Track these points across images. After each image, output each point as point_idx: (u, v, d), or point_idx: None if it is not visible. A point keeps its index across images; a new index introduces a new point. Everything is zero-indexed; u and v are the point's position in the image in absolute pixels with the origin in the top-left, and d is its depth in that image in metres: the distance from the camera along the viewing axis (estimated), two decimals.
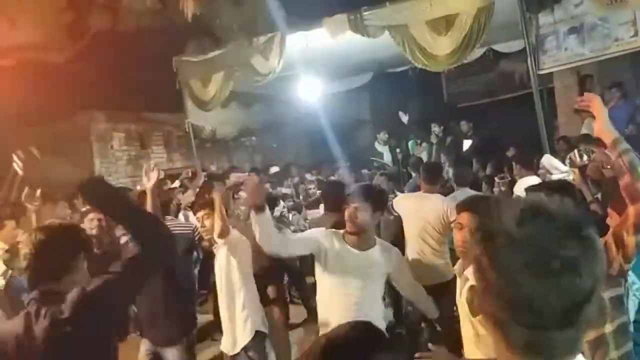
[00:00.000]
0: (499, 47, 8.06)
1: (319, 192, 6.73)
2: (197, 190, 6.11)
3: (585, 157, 5.48)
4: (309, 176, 8.85)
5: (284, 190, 7.88)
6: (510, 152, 7.30)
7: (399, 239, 4.37)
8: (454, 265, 4.04)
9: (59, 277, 1.82)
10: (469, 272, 2.27)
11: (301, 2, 6.83)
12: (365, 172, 8.53)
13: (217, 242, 3.62)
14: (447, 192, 4.97)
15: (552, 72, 6.63)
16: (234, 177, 7.92)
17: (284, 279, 5.29)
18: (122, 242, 3.87)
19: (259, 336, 3.56)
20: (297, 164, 9.81)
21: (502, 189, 5.46)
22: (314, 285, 3.23)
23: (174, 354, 3.65)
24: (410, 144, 9.91)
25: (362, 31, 6.34)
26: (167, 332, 3.66)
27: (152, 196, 2.60)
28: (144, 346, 3.75)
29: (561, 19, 5.80)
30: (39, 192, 3.12)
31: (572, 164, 5.27)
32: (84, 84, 7.44)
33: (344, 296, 2.99)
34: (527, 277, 0.79)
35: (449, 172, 6.28)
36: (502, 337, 0.85)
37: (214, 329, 5.09)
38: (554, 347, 0.82)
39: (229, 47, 7.32)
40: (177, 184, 6.99)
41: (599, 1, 5.63)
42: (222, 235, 3.47)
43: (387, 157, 9.83)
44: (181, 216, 5.95)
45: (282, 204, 6.66)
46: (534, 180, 4.53)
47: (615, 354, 1.91)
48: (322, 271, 3.07)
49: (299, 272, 5.47)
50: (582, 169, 4.28)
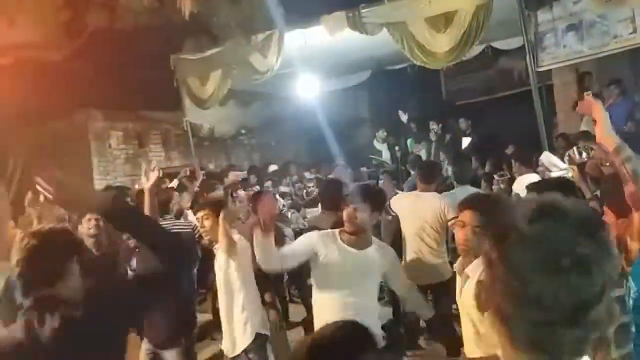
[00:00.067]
0: (498, 45, 8.05)
1: (317, 191, 6.72)
2: (196, 192, 6.07)
3: (584, 155, 5.47)
4: (308, 174, 8.83)
5: (283, 188, 7.87)
6: (509, 150, 7.29)
7: (398, 239, 4.37)
8: (451, 264, 4.06)
9: (53, 282, 1.80)
10: (470, 270, 2.26)
11: (299, 0, 6.81)
12: (364, 170, 8.53)
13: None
14: (447, 189, 4.97)
15: (551, 70, 6.63)
16: (233, 176, 7.91)
17: (284, 279, 5.29)
18: (131, 246, 3.81)
19: (259, 338, 3.51)
20: (296, 163, 9.80)
21: (502, 186, 5.46)
22: None
23: (173, 356, 3.64)
24: (409, 142, 9.90)
25: (361, 29, 6.32)
26: (167, 333, 3.63)
27: (151, 197, 2.57)
28: (145, 345, 3.73)
29: (560, 16, 5.79)
30: (42, 197, 3.10)
31: (571, 162, 5.27)
32: (81, 82, 7.41)
33: (340, 296, 2.99)
34: (537, 274, 0.79)
35: (448, 170, 6.27)
36: (508, 334, 0.85)
37: (214, 329, 5.08)
38: (561, 346, 0.81)
39: (227, 45, 7.30)
40: (175, 183, 6.96)
41: None
42: (230, 253, 3.44)
43: (386, 155, 9.83)
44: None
45: (282, 201, 6.65)
46: (534, 178, 4.53)
47: (617, 354, 1.90)
48: (318, 273, 3.09)
49: (298, 271, 5.46)
50: (581, 167, 4.27)
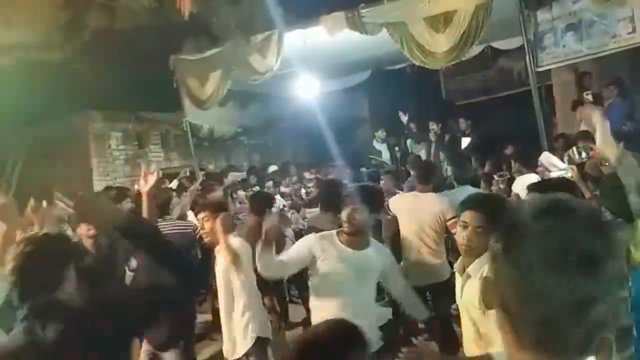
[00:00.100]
0: (497, 44, 8.05)
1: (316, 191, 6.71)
2: (194, 195, 6.01)
3: (583, 154, 5.46)
4: (307, 174, 8.83)
5: (283, 189, 7.87)
6: (508, 150, 7.28)
7: (398, 238, 4.37)
8: (451, 263, 4.05)
9: (49, 290, 1.76)
10: (471, 269, 2.26)
11: (299, 0, 6.81)
12: (363, 170, 8.52)
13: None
14: (447, 189, 4.96)
15: (550, 69, 6.63)
16: (232, 177, 7.91)
17: (284, 279, 5.27)
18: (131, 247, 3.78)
19: (260, 341, 3.46)
20: (296, 163, 9.80)
21: (501, 186, 5.45)
22: None
23: (172, 356, 3.64)
24: (408, 141, 9.90)
25: (360, 29, 6.32)
26: (166, 334, 3.61)
27: (149, 200, 2.54)
28: (145, 346, 3.73)
29: (559, 15, 5.79)
30: (45, 203, 3.08)
31: (571, 161, 5.26)
32: (81, 83, 7.41)
33: (338, 297, 3.00)
34: (542, 270, 0.79)
35: (448, 170, 6.26)
36: (512, 331, 0.85)
37: (213, 329, 5.08)
38: (565, 345, 0.80)
39: (227, 46, 7.31)
40: (174, 184, 6.95)
41: None
42: (235, 265, 3.37)
43: (386, 155, 9.83)
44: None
45: (282, 201, 6.65)
46: (533, 177, 4.53)
47: (617, 357, 1.90)
48: (316, 275, 3.10)
49: (298, 272, 5.44)
50: (581, 166, 4.28)
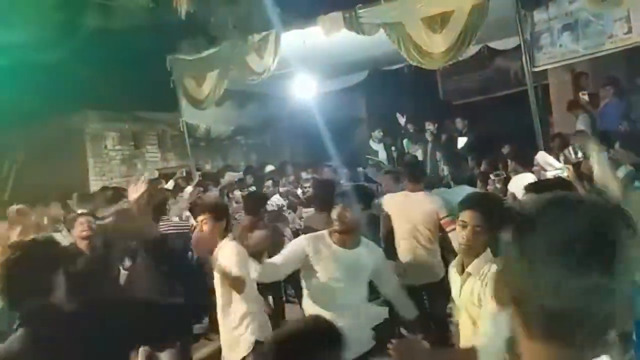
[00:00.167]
0: (494, 44, 8.05)
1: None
2: (194, 197, 6.00)
3: (579, 154, 5.48)
4: (304, 174, 8.83)
5: (280, 188, 7.85)
6: (505, 149, 7.31)
7: (393, 236, 4.36)
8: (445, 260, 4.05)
9: (39, 295, 1.74)
10: (471, 268, 2.27)
11: (296, 0, 6.81)
12: (360, 170, 8.52)
13: (218, 243, 3.44)
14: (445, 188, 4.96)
15: (546, 69, 6.64)
16: (229, 177, 7.91)
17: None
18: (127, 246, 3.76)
19: (259, 344, 3.35)
20: (293, 163, 9.79)
21: (497, 185, 5.46)
22: None
23: (168, 357, 3.63)
24: (405, 141, 9.90)
25: (357, 29, 6.32)
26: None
27: (138, 207, 2.52)
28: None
29: (555, 15, 5.80)
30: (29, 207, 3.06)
31: (567, 161, 5.28)
32: (77, 83, 7.39)
33: (330, 296, 3.01)
34: (551, 261, 0.79)
35: (444, 169, 6.25)
36: (523, 324, 0.86)
37: (210, 329, 5.07)
38: (574, 337, 0.81)
39: (224, 46, 7.29)
40: (171, 184, 6.94)
41: None
42: (240, 292, 3.31)
43: (382, 155, 9.82)
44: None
45: (281, 200, 6.65)
46: (529, 177, 4.54)
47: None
48: (308, 275, 3.11)
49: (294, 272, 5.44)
50: (577, 166, 4.29)
